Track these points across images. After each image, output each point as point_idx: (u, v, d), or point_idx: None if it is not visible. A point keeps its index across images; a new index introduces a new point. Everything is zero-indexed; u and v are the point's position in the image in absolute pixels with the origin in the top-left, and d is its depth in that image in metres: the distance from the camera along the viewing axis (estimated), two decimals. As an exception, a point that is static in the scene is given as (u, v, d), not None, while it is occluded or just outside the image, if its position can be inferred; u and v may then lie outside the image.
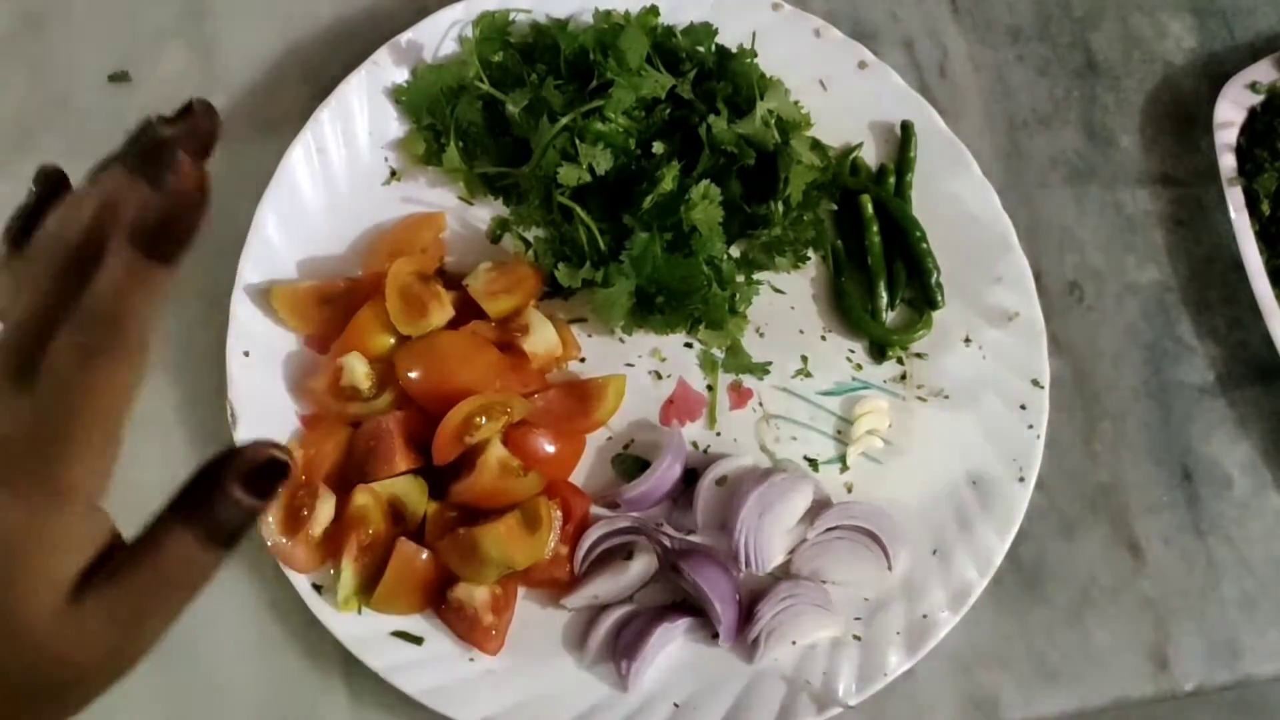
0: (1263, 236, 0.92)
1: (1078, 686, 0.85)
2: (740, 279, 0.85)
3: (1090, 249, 0.95)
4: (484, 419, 0.77)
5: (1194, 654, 0.87)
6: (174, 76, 0.88)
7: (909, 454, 0.86)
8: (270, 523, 0.75)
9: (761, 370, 0.86)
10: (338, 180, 0.85)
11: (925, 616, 0.81)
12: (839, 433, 0.86)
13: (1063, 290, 0.94)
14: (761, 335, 0.88)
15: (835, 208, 0.91)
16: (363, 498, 0.76)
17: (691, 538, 0.82)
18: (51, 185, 0.43)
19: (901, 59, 0.97)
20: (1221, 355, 0.94)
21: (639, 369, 0.86)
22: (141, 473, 0.79)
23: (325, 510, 0.76)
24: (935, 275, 0.88)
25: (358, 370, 0.79)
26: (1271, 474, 0.92)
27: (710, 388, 0.86)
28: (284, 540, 0.76)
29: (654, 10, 0.88)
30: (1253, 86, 0.96)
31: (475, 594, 0.76)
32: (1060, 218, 0.96)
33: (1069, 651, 0.85)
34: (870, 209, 0.89)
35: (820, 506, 0.82)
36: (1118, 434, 0.91)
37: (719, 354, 0.87)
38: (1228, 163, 0.94)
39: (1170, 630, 0.87)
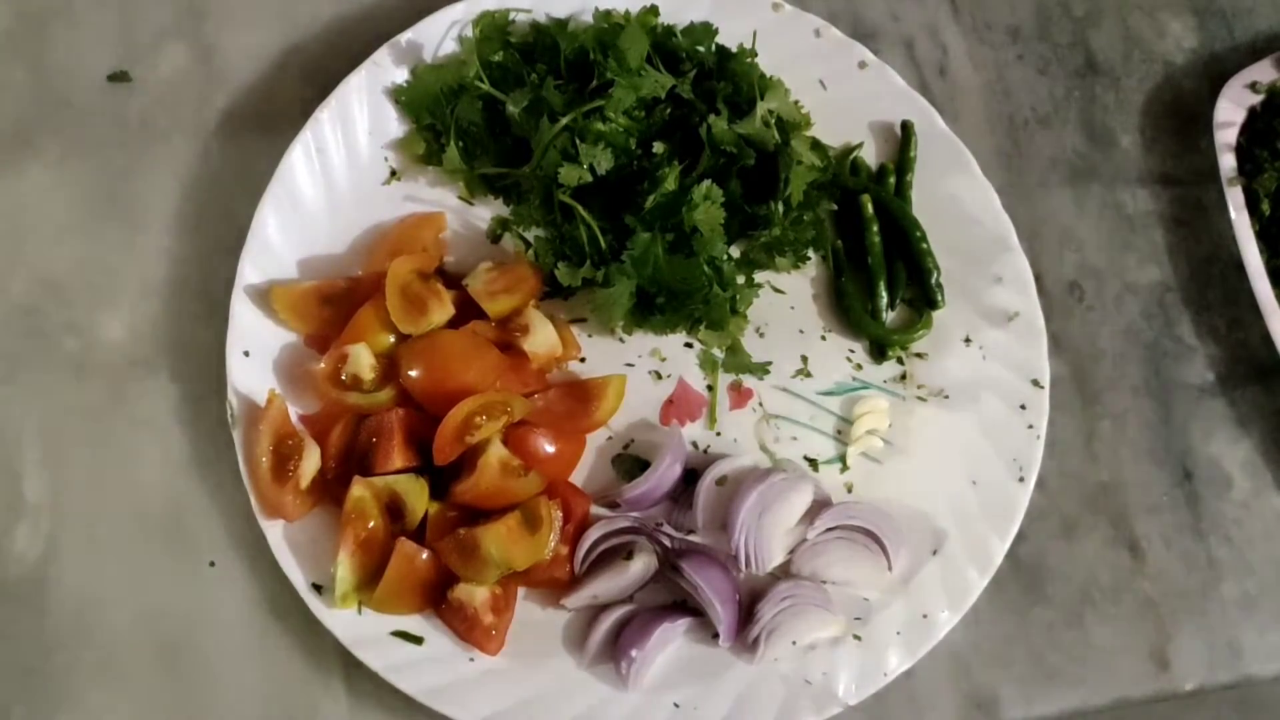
0: (1263, 236, 0.92)
1: (1078, 686, 0.85)
2: (741, 279, 0.85)
3: (1090, 249, 0.95)
4: (484, 418, 0.77)
5: (1194, 654, 0.87)
6: (174, 76, 0.88)
7: (909, 454, 0.86)
8: (261, 473, 0.76)
9: (761, 370, 0.86)
10: (338, 180, 0.85)
11: (925, 616, 0.81)
12: (839, 433, 0.86)
13: (1063, 290, 0.94)
14: (761, 335, 0.88)
15: (835, 208, 0.91)
16: (360, 490, 0.76)
17: (691, 538, 0.82)
18: None
19: (901, 59, 0.97)
20: (1222, 355, 0.94)
21: (639, 369, 0.86)
22: (142, 473, 0.80)
23: (311, 462, 0.77)
24: (935, 275, 0.88)
25: (362, 360, 0.79)
26: (1271, 474, 0.92)
27: (710, 388, 0.86)
28: (273, 490, 0.76)
29: (654, 10, 0.88)
30: (1253, 86, 0.96)
31: (475, 594, 0.76)
32: (1060, 217, 0.96)
33: (1069, 651, 0.85)
34: (870, 209, 0.89)
35: (820, 506, 0.82)
36: (1118, 434, 0.91)
37: (719, 354, 0.87)
38: (1228, 162, 0.94)
39: (1170, 630, 0.87)
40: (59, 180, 0.84)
